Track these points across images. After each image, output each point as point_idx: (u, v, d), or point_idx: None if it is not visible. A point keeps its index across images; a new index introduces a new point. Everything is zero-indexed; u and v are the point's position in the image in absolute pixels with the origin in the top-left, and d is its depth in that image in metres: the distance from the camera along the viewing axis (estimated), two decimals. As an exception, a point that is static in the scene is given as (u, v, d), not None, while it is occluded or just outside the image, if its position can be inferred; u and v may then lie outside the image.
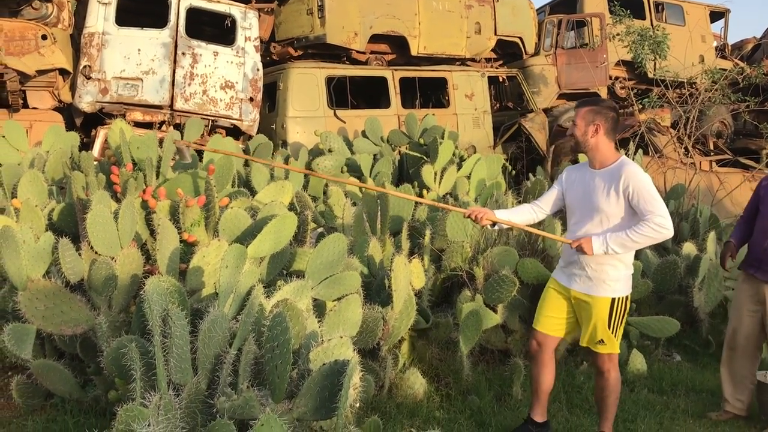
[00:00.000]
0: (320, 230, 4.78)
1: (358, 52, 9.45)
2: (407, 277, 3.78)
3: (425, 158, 7.04)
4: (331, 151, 7.30)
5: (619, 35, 10.08)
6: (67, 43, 7.33)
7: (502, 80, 10.72)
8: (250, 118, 7.92)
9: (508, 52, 11.38)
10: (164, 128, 7.42)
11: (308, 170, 6.01)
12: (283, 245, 3.59)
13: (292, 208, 4.65)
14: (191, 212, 3.79)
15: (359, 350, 3.08)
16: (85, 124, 7.52)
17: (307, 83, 8.39)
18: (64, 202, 4.32)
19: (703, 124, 10.31)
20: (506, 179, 7.54)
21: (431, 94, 10.62)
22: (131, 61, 7.21)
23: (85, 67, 7.06)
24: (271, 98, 8.73)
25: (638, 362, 4.57)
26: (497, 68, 11.00)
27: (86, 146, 7.02)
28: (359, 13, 9.19)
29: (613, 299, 3.16)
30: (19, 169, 4.92)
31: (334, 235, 3.61)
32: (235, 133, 7.87)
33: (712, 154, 10.61)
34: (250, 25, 7.96)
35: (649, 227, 2.98)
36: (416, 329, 4.18)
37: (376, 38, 9.58)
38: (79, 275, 3.40)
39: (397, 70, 9.26)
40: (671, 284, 5.11)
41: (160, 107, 7.40)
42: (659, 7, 12.60)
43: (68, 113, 7.48)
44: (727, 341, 4.03)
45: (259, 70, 8.00)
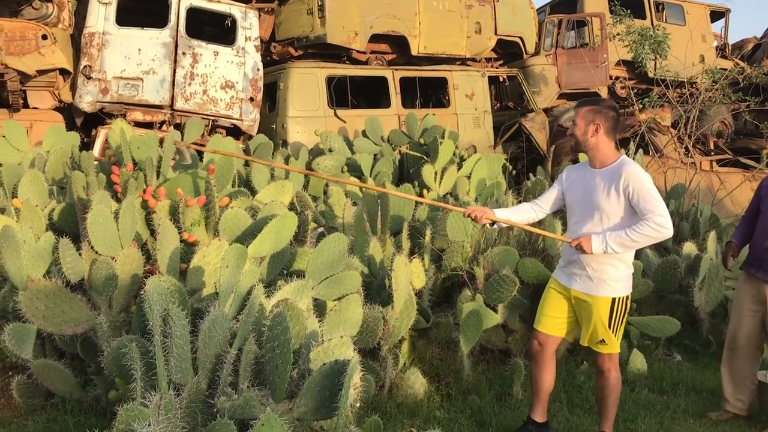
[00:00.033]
0: (321, 230, 4.78)
1: (358, 51, 9.45)
2: (408, 276, 3.78)
3: (425, 158, 7.04)
4: (331, 150, 7.30)
5: (619, 35, 10.08)
6: (67, 43, 7.33)
7: (502, 80, 10.71)
8: (250, 117, 7.92)
9: (508, 51, 11.38)
10: (165, 128, 7.42)
11: (308, 170, 6.01)
12: (283, 245, 3.59)
13: (292, 207, 4.65)
14: (191, 212, 3.79)
15: (360, 350, 3.07)
16: (85, 123, 7.53)
17: (307, 83, 8.39)
18: (64, 201, 4.32)
19: (703, 123, 10.32)
20: (506, 179, 7.54)
21: (431, 93, 10.62)
22: (131, 60, 7.21)
23: (85, 67, 7.06)
24: (271, 98, 8.73)
25: (639, 362, 4.57)
26: (497, 68, 11.00)
27: (87, 146, 7.03)
28: (359, 12, 9.19)
29: (613, 299, 3.16)
30: (19, 168, 4.92)
31: (334, 234, 3.61)
32: (235, 132, 7.87)
33: (712, 153, 10.61)
34: (250, 24, 7.96)
35: (648, 227, 2.98)
36: (417, 329, 4.18)
37: (376, 38, 9.58)
38: (79, 275, 3.40)
39: (397, 69, 9.26)
40: (672, 284, 5.11)
41: (160, 107, 7.41)
42: (659, 6, 12.60)
43: (69, 113, 7.48)
44: (727, 341, 4.03)
45: (259, 69, 8.00)
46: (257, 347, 2.64)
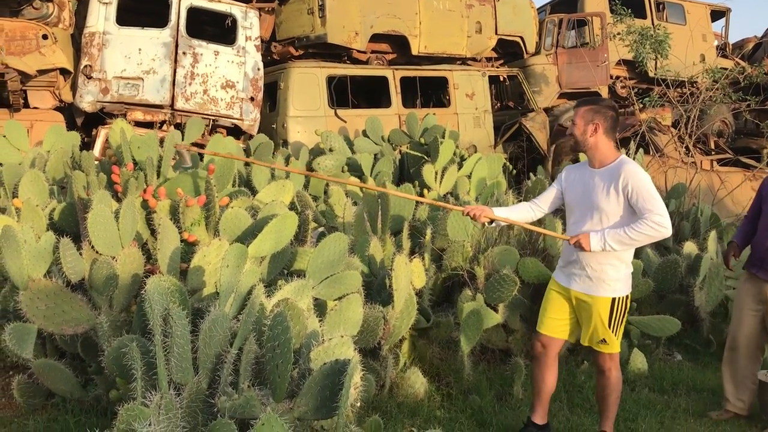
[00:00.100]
0: (321, 230, 4.78)
1: (358, 51, 9.44)
2: (408, 276, 3.78)
3: (426, 158, 7.04)
4: (331, 150, 7.30)
5: (619, 34, 10.07)
6: (67, 42, 7.33)
7: (502, 79, 10.71)
8: (250, 117, 7.92)
9: (508, 51, 11.37)
10: (165, 128, 7.42)
11: (308, 171, 6.01)
12: (283, 245, 3.59)
13: (292, 207, 4.65)
14: (191, 212, 3.79)
15: (360, 349, 3.07)
16: (86, 123, 7.53)
17: (307, 83, 8.39)
18: (65, 201, 4.32)
19: (704, 123, 10.31)
20: (507, 179, 7.54)
21: (432, 93, 10.61)
22: (132, 60, 7.21)
23: (85, 66, 7.06)
24: (271, 98, 8.73)
25: (639, 361, 4.57)
26: (498, 67, 10.99)
27: (87, 146, 7.03)
28: (360, 12, 9.18)
29: (613, 299, 3.16)
30: (20, 168, 4.92)
31: (334, 234, 3.61)
32: (235, 132, 7.87)
33: (713, 153, 10.60)
34: (250, 24, 7.96)
35: (647, 225, 2.98)
36: (417, 328, 4.18)
37: (376, 38, 9.58)
38: (80, 275, 3.40)
39: (397, 69, 9.25)
40: (672, 283, 5.11)
41: (160, 107, 7.41)
42: (660, 6, 12.59)
43: (69, 113, 7.49)
44: (728, 341, 4.03)
45: (259, 69, 8.00)
46: (258, 347, 2.64)
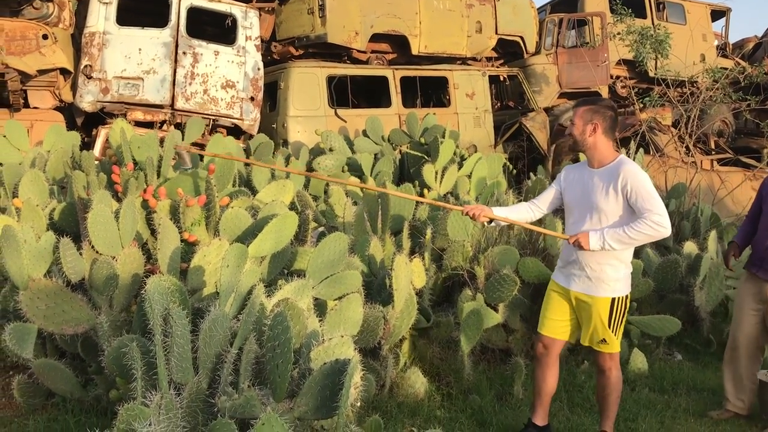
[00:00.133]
0: (321, 229, 4.78)
1: (359, 51, 9.44)
2: (408, 276, 3.78)
3: (426, 157, 7.04)
4: (332, 150, 7.30)
5: (620, 34, 10.06)
6: (68, 42, 7.33)
7: (503, 79, 10.71)
8: (251, 117, 7.92)
9: (509, 51, 11.37)
10: (165, 128, 7.42)
11: (308, 172, 6.01)
12: (284, 244, 3.59)
13: (293, 207, 4.65)
14: (192, 212, 3.80)
15: (360, 349, 3.07)
16: (86, 123, 7.53)
17: (308, 82, 8.39)
18: (65, 201, 4.32)
19: (704, 123, 10.30)
20: (507, 178, 7.54)
21: (432, 93, 10.61)
22: (132, 60, 7.21)
23: (86, 66, 7.06)
24: (272, 97, 8.73)
25: (639, 361, 4.57)
26: (498, 67, 10.99)
27: (87, 146, 7.03)
28: (360, 12, 9.18)
29: (613, 299, 3.16)
30: (20, 168, 4.92)
31: (335, 234, 3.61)
32: (236, 132, 7.86)
33: (713, 153, 10.61)
34: (251, 24, 7.96)
35: (646, 225, 2.98)
36: (417, 328, 4.18)
37: (376, 37, 9.57)
38: (80, 275, 3.40)
39: (398, 69, 9.25)
40: (672, 283, 5.11)
41: (161, 107, 7.41)
42: (660, 5, 12.59)
43: (69, 113, 7.49)
44: (729, 340, 4.03)
45: (260, 69, 8.00)
46: (258, 347, 2.64)
